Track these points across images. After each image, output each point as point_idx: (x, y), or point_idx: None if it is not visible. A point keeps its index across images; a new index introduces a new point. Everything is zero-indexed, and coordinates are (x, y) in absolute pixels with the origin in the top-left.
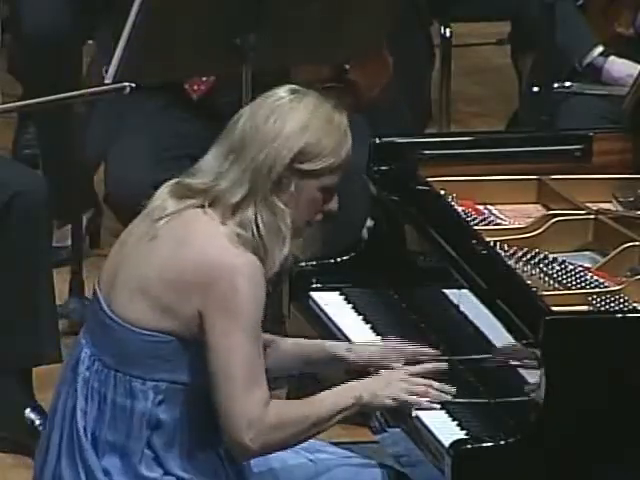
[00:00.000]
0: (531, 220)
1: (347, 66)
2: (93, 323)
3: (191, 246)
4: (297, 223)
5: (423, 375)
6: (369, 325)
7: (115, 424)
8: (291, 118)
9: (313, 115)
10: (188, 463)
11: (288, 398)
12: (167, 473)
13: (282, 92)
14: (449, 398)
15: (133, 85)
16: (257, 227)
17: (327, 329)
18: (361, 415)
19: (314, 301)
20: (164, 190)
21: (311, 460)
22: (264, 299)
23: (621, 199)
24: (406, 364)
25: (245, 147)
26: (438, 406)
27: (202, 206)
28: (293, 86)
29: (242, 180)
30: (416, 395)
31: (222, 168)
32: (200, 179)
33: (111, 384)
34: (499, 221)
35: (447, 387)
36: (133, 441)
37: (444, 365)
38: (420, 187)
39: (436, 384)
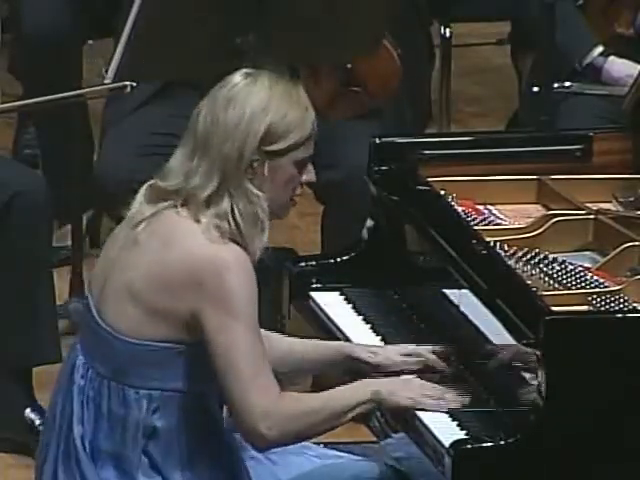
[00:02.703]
0: (531, 220)
1: (349, 65)
2: (86, 330)
3: (173, 248)
4: (280, 202)
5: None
6: (369, 325)
7: (112, 434)
8: (250, 101)
9: (271, 94)
10: (188, 469)
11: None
12: None
13: (236, 78)
14: (459, 406)
15: (134, 85)
16: (234, 217)
17: (327, 329)
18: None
19: (314, 301)
20: (140, 193)
21: (317, 457)
22: (256, 288)
23: (621, 199)
24: (420, 371)
25: (209, 140)
26: (445, 409)
27: (175, 207)
28: (246, 70)
29: (212, 173)
30: (431, 399)
31: (189, 166)
32: (171, 181)
33: (105, 393)
34: (499, 221)
35: (459, 398)
36: (129, 450)
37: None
38: (420, 187)
39: (449, 395)
